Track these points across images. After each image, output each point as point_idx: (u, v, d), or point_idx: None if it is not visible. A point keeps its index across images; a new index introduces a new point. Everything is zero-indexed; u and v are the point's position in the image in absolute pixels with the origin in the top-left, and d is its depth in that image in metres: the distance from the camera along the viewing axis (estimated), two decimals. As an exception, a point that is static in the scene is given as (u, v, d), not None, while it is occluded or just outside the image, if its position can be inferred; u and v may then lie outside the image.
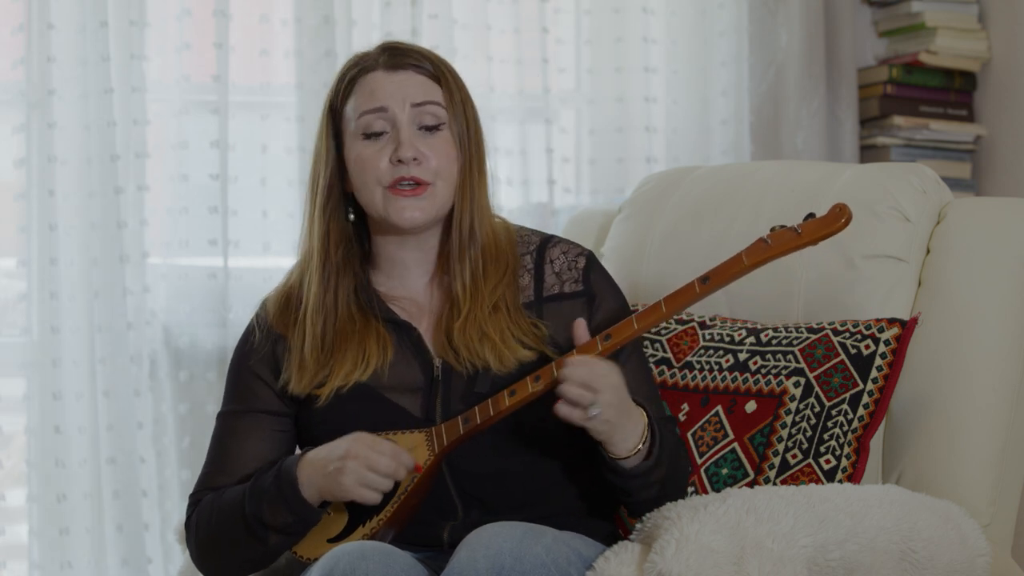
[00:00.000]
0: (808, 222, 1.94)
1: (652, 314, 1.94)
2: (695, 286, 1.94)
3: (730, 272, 1.94)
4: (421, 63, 2.05)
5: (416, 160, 2.00)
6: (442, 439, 1.96)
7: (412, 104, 2.02)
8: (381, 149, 2.02)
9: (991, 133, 3.52)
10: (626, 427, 1.92)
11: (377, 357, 2.03)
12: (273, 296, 2.13)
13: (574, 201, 3.36)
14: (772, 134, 3.46)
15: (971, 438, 2.21)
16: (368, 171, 2.02)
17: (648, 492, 1.98)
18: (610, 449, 1.93)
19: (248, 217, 3.10)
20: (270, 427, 2.07)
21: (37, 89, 2.93)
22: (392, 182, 2.01)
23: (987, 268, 2.27)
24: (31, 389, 2.95)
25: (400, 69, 2.04)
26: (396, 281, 2.10)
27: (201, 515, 2.03)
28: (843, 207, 1.94)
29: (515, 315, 2.03)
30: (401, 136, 2.01)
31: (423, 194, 2.01)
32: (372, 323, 2.05)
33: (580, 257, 2.11)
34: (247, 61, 3.11)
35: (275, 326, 2.09)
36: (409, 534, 2.00)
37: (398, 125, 2.02)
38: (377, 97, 2.03)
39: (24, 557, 2.97)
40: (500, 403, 1.94)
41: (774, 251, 1.93)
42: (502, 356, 1.99)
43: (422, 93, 2.03)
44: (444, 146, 2.03)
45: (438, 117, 2.03)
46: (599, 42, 3.38)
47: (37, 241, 2.93)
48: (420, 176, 2.01)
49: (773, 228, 1.95)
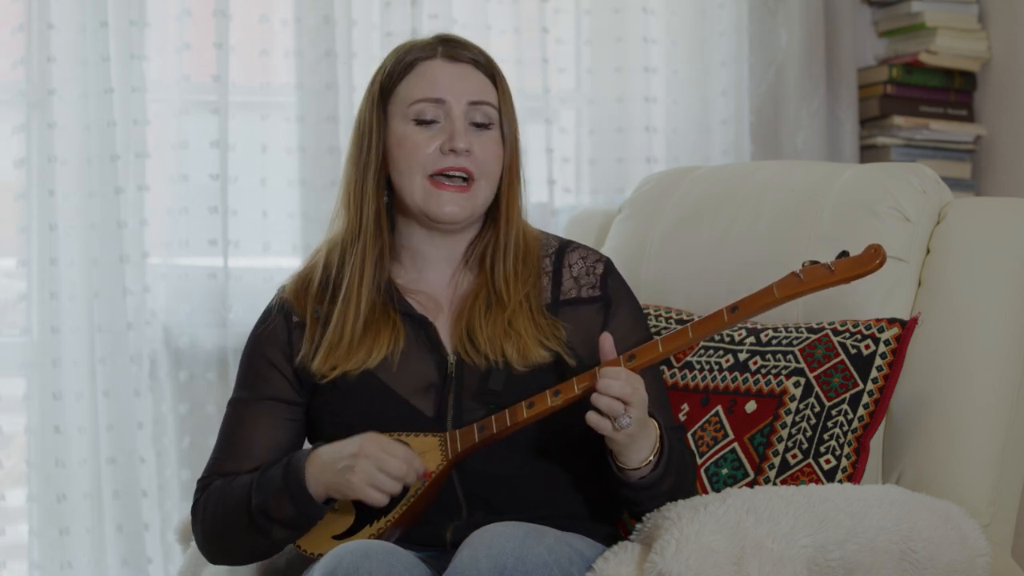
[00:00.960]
0: (842, 260, 1.95)
1: (678, 339, 1.95)
2: (724, 315, 1.95)
3: (759, 303, 1.94)
4: (480, 61, 2.06)
5: (468, 152, 2.01)
6: (456, 445, 1.96)
7: (469, 101, 2.03)
8: (432, 137, 2.03)
9: (991, 133, 3.52)
10: (641, 440, 1.93)
11: (388, 346, 2.03)
12: (293, 280, 2.13)
13: (574, 201, 3.36)
14: (772, 134, 3.46)
15: (971, 438, 2.21)
16: (414, 156, 2.02)
17: (656, 502, 1.98)
18: (622, 460, 1.94)
19: (248, 217, 3.10)
20: (280, 415, 2.07)
21: (37, 89, 2.93)
22: (436, 171, 2.01)
23: (987, 268, 2.27)
24: (31, 389, 2.95)
25: (459, 61, 2.05)
26: (416, 274, 2.10)
27: (208, 501, 2.04)
28: (878, 248, 1.94)
29: (538, 316, 2.04)
30: (455, 127, 2.02)
31: (468, 191, 2.02)
32: (390, 313, 2.05)
33: (599, 263, 2.12)
34: (247, 61, 3.11)
35: (295, 305, 2.08)
36: (412, 533, 2.00)
37: (452, 117, 2.03)
38: (436, 87, 2.03)
39: (24, 557, 2.97)
40: (518, 414, 1.94)
41: (806, 287, 1.94)
42: (524, 352, 2.00)
43: (479, 91, 2.05)
44: (493, 144, 2.05)
45: (489, 117, 2.05)
46: (599, 42, 3.39)
47: (37, 241, 2.93)
48: (470, 169, 2.02)
49: (805, 263, 1.95)
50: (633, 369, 1.93)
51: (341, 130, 3.09)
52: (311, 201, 3.10)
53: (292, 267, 2.99)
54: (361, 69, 3.13)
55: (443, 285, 2.10)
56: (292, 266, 3.03)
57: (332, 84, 3.09)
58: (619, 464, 1.94)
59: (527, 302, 2.05)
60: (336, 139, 3.09)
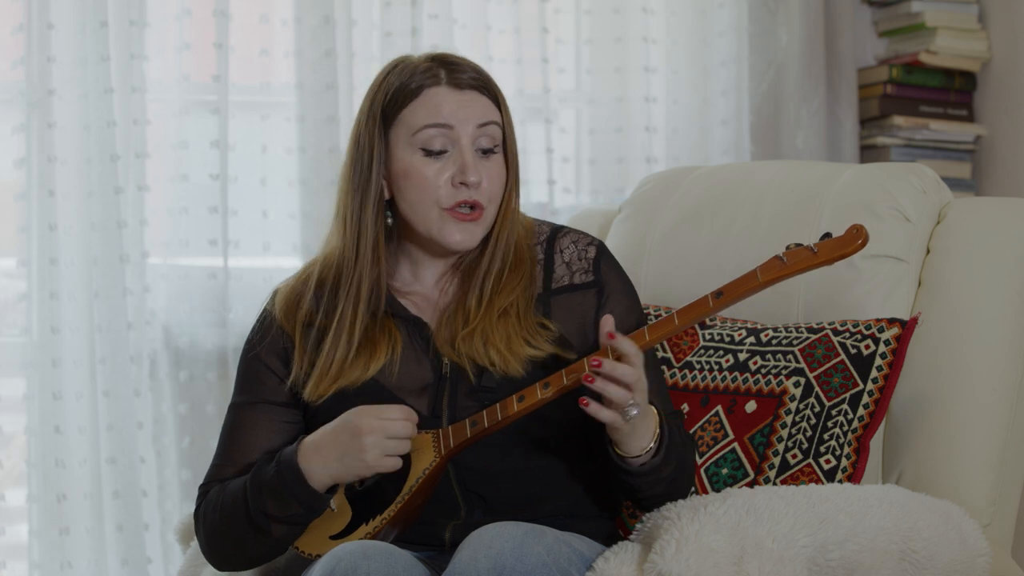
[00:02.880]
0: (824, 241, 1.94)
1: (665, 326, 1.94)
2: (708, 300, 1.94)
3: (744, 288, 1.94)
4: (481, 83, 2.04)
5: (478, 184, 2.00)
6: (448, 441, 1.96)
7: (477, 125, 2.01)
8: (441, 168, 2.01)
9: (991, 133, 3.52)
10: (642, 428, 1.92)
11: (386, 354, 2.03)
12: (284, 291, 2.11)
13: (574, 201, 3.36)
14: (772, 134, 3.46)
15: (971, 438, 2.21)
16: (428, 190, 2.00)
17: (656, 488, 1.98)
18: (624, 448, 1.93)
19: (248, 217, 3.10)
20: (279, 418, 2.07)
21: (37, 89, 2.93)
22: (453, 205, 2.00)
23: (987, 268, 2.27)
24: (31, 389, 2.95)
25: (465, 88, 2.02)
26: (410, 276, 2.10)
27: (208, 507, 2.04)
28: (860, 228, 1.94)
29: (524, 320, 2.03)
30: (465, 158, 2.00)
31: (479, 219, 2.02)
32: (383, 321, 2.05)
33: (590, 247, 2.10)
34: (247, 61, 3.11)
35: (284, 325, 2.08)
36: (411, 534, 2.00)
37: (461, 147, 2.00)
38: (443, 113, 2.00)
39: (24, 557, 2.97)
40: (509, 408, 1.94)
41: (789, 269, 1.93)
42: (506, 360, 1.99)
43: (485, 114, 2.03)
44: (498, 169, 2.03)
45: (495, 139, 2.03)
46: (599, 42, 3.39)
47: (37, 241, 2.93)
48: (479, 199, 2.01)
49: (789, 246, 1.95)
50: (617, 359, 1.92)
51: (341, 130, 3.09)
52: (311, 201, 3.10)
53: (292, 267, 2.99)
54: (361, 69, 3.13)
55: (433, 284, 2.09)
56: (292, 266, 3.04)
57: (332, 84, 3.09)
58: (619, 452, 1.94)
59: (512, 308, 2.04)
60: (336, 139, 3.09)
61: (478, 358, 2.00)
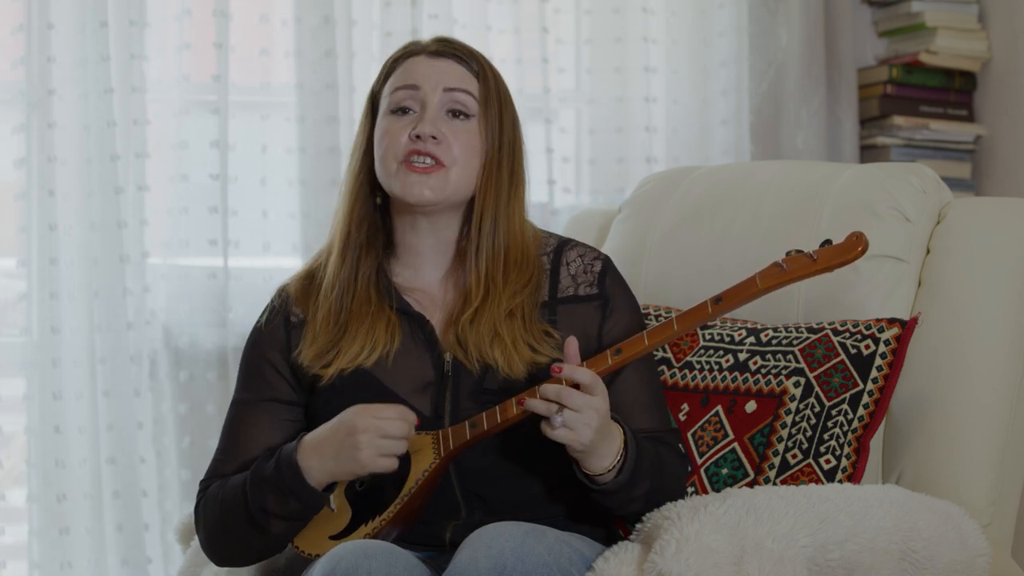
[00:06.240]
0: (824, 249, 1.95)
1: (664, 331, 1.95)
2: (707, 306, 1.94)
3: (743, 294, 1.94)
4: (464, 56, 2.08)
5: (435, 139, 2.02)
6: (448, 443, 1.96)
7: (445, 88, 2.05)
8: (405, 125, 2.04)
9: (991, 133, 3.52)
10: (600, 448, 1.92)
11: (384, 343, 2.03)
12: (295, 277, 2.15)
13: (574, 201, 3.36)
14: (772, 134, 3.46)
15: (971, 438, 2.21)
16: (387, 144, 2.04)
17: (632, 507, 1.98)
18: (585, 467, 1.94)
19: (248, 217, 3.10)
20: (280, 416, 2.07)
21: (37, 89, 2.93)
22: (406, 155, 2.02)
23: (987, 268, 2.27)
24: (31, 389, 2.95)
25: (442, 57, 2.07)
26: (412, 271, 2.10)
27: (208, 503, 2.05)
28: (860, 236, 1.94)
29: (530, 325, 2.04)
30: (426, 114, 2.03)
31: (434, 173, 2.02)
32: (385, 309, 2.06)
33: (596, 261, 2.12)
34: (247, 61, 3.11)
35: (299, 302, 2.10)
36: (411, 534, 2.00)
37: (426, 104, 2.04)
38: (413, 76, 2.06)
39: (24, 557, 2.97)
40: (508, 411, 1.94)
41: (788, 276, 1.94)
42: (511, 359, 2.00)
43: (457, 80, 2.06)
44: (468, 135, 2.05)
45: (467, 107, 2.05)
46: (599, 42, 3.39)
47: (37, 241, 2.93)
48: (438, 155, 2.02)
49: (788, 252, 1.95)
50: (619, 363, 1.93)
51: (341, 130, 3.09)
52: (311, 201, 3.10)
53: (292, 267, 3.00)
54: (361, 69, 3.13)
55: (437, 283, 2.10)
56: (292, 266, 3.04)
57: (332, 84, 3.09)
58: (583, 471, 1.94)
59: (519, 310, 2.04)
60: (336, 139, 3.09)
61: (482, 350, 2.00)
